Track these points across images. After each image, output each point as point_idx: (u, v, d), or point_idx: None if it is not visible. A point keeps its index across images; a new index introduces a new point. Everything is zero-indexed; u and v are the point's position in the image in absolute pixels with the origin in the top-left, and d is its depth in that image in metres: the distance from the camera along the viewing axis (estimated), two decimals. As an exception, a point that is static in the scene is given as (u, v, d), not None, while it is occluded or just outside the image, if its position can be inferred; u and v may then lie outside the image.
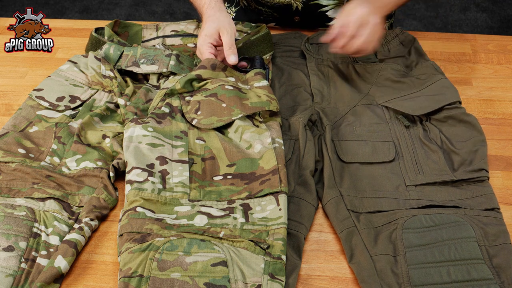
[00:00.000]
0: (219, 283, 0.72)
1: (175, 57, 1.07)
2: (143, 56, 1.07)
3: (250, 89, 0.99)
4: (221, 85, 0.98)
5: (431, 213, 0.82)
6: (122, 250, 0.77)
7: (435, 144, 0.93)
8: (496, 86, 1.11)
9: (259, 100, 0.96)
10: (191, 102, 0.97)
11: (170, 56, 1.07)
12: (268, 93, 0.98)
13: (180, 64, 1.07)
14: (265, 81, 1.00)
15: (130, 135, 0.91)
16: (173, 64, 1.06)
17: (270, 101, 0.96)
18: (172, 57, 1.07)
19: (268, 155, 0.88)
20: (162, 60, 1.06)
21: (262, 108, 0.94)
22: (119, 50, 1.08)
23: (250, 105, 0.95)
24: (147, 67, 1.06)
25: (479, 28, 2.64)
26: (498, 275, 0.74)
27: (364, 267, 0.77)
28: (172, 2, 2.87)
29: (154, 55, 1.07)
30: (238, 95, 0.96)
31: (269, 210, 0.82)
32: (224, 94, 0.96)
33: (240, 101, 0.95)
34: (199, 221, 0.81)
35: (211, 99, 0.97)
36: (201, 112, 0.95)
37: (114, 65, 1.07)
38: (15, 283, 0.74)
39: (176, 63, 1.06)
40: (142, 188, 0.83)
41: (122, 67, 1.07)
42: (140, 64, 1.06)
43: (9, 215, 0.81)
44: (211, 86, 0.98)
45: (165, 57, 1.07)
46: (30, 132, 0.97)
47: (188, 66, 1.07)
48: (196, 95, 0.99)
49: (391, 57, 1.11)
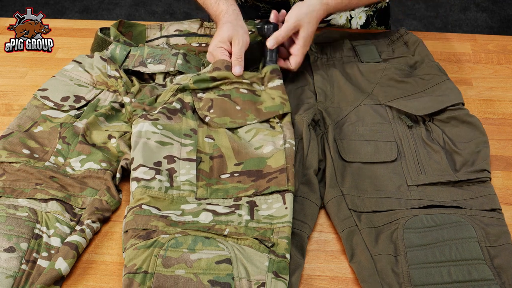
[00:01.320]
0: (223, 280, 0.72)
1: (182, 56, 1.07)
2: (150, 56, 1.07)
3: (264, 90, 1.00)
4: (236, 88, 0.99)
5: (432, 213, 0.82)
6: (127, 246, 0.77)
7: (438, 144, 0.93)
8: (496, 86, 1.11)
9: (273, 103, 0.97)
10: (204, 99, 0.98)
11: (177, 55, 1.07)
12: (282, 94, 0.98)
13: (187, 63, 1.07)
14: (280, 80, 1.01)
15: (139, 130, 0.91)
16: (180, 63, 1.06)
17: (284, 103, 0.96)
18: (179, 56, 1.07)
19: (278, 155, 0.88)
20: (169, 59, 1.06)
21: (276, 113, 0.95)
22: (125, 50, 1.08)
23: (264, 110, 0.96)
24: (154, 67, 1.06)
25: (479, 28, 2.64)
26: (499, 276, 0.74)
27: (364, 267, 0.77)
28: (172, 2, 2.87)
29: (160, 54, 1.07)
30: (253, 99, 0.97)
31: (275, 208, 0.82)
32: (238, 97, 0.98)
33: (255, 106, 0.96)
34: (204, 218, 0.81)
35: (224, 98, 0.97)
36: (214, 111, 0.96)
37: (121, 65, 1.07)
38: (15, 284, 0.74)
39: (184, 62, 1.06)
40: (149, 186, 0.84)
41: (129, 67, 1.07)
42: (147, 64, 1.06)
43: (11, 216, 0.81)
44: (226, 87, 0.99)
45: (172, 56, 1.07)
46: (34, 132, 0.97)
47: (195, 65, 1.07)
48: (209, 92, 0.99)
49: (395, 57, 1.12)
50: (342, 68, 1.11)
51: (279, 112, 0.95)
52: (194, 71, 1.06)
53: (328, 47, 1.14)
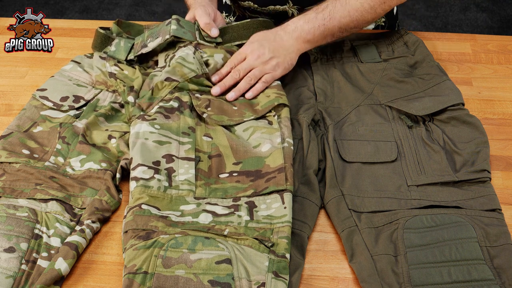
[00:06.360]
0: (223, 280, 0.72)
1: (175, 22, 1.05)
2: (150, 36, 1.07)
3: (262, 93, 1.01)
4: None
5: (432, 213, 0.82)
6: (127, 247, 0.77)
7: (438, 144, 0.93)
8: (496, 86, 1.11)
9: (268, 100, 0.97)
10: (201, 98, 0.98)
11: (170, 22, 1.06)
12: (277, 90, 0.99)
13: (181, 28, 1.05)
14: (277, 81, 1.01)
15: (137, 131, 0.91)
16: (174, 28, 1.04)
17: (279, 97, 0.97)
18: (172, 21, 1.05)
19: (276, 154, 0.88)
20: (164, 29, 1.06)
21: (272, 105, 0.96)
22: (129, 42, 1.09)
23: (260, 108, 0.96)
24: (153, 43, 1.05)
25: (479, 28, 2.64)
26: (499, 276, 0.74)
27: (364, 267, 0.77)
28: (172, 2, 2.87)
29: (157, 30, 1.07)
30: (249, 102, 0.99)
31: (274, 208, 0.82)
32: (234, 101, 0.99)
33: (252, 107, 0.97)
34: (204, 219, 0.81)
35: (221, 100, 0.98)
36: (211, 109, 0.96)
37: (126, 57, 1.07)
38: (15, 284, 0.74)
39: (178, 27, 1.05)
40: (148, 185, 0.84)
41: (134, 54, 1.07)
42: (147, 44, 1.06)
43: (11, 216, 0.81)
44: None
45: (165, 26, 1.06)
46: (34, 132, 0.97)
47: (190, 30, 1.06)
48: (206, 94, 1.00)
49: (395, 57, 1.11)
50: (342, 68, 1.11)
51: (274, 103, 0.96)
52: (190, 35, 1.05)
53: (328, 47, 1.14)
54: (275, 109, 0.97)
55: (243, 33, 1.08)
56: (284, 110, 0.96)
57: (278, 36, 1.03)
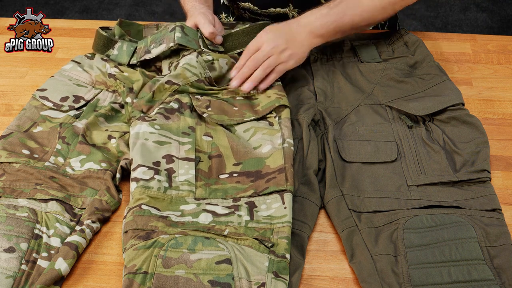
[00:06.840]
0: (223, 280, 0.72)
1: (180, 29, 1.05)
2: (153, 42, 1.07)
3: (261, 93, 1.00)
4: (232, 96, 1.00)
5: (432, 213, 0.82)
6: (127, 247, 0.77)
7: (438, 144, 0.93)
8: (496, 86, 1.11)
9: (268, 100, 0.97)
10: (202, 99, 0.98)
11: (174, 29, 1.05)
12: (278, 91, 0.99)
13: (186, 36, 1.05)
14: (278, 82, 1.01)
15: (137, 132, 0.91)
16: (179, 36, 1.04)
17: (280, 98, 0.97)
18: (177, 29, 1.05)
19: (277, 154, 0.88)
20: (167, 36, 1.05)
21: (273, 106, 0.96)
22: (132, 46, 1.08)
23: (261, 109, 0.96)
24: (156, 50, 1.05)
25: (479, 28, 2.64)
26: (499, 276, 0.74)
27: (364, 267, 0.77)
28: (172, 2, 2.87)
29: (161, 36, 1.07)
30: (250, 103, 0.99)
31: (274, 208, 0.82)
32: (235, 102, 0.99)
33: (252, 108, 0.97)
34: (204, 219, 0.81)
35: (222, 101, 0.98)
36: (212, 109, 0.96)
37: (129, 61, 1.06)
38: (15, 284, 0.74)
39: (182, 35, 1.04)
40: (148, 186, 0.84)
41: (137, 60, 1.06)
42: (151, 50, 1.05)
43: (11, 216, 0.81)
44: (222, 96, 1.00)
45: (169, 32, 1.06)
46: (34, 132, 0.97)
47: (194, 38, 1.06)
48: (206, 96, 1.00)
49: (395, 57, 1.12)
50: (342, 68, 1.11)
51: (275, 105, 0.96)
52: (194, 44, 1.05)
53: (328, 47, 1.14)
54: (275, 110, 0.97)
55: (244, 40, 1.08)
56: (284, 111, 0.96)
57: (293, 28, 1.03)
